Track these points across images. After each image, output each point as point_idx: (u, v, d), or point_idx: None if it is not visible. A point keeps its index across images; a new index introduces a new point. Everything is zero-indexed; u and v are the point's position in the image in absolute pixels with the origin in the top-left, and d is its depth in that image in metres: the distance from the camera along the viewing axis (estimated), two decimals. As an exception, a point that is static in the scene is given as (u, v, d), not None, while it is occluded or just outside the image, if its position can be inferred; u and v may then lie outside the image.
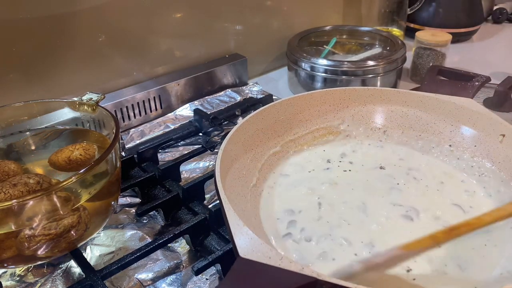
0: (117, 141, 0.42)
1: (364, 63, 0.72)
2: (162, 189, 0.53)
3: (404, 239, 0.39)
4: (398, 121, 0.55)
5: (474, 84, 0.55)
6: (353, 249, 0.40)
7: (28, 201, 0.35)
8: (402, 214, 0.44)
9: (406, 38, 1.01)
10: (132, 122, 0.69)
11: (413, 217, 0.44)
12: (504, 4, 1.20)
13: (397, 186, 0.48)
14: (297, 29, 0.86)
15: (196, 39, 0.76)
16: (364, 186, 0.48)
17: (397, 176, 0.49)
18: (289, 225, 0.43)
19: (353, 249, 0.40)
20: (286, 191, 0.48)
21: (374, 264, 0.38)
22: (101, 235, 0.48)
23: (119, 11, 0.65)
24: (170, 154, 0.62)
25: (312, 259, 0.39)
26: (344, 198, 0.46)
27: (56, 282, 0.43)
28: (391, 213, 0.44)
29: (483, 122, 0.49)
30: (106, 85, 0.68)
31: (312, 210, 0.45)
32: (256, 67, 0.88)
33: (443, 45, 0.80)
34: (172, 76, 0.73)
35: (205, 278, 0.43)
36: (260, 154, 0.50)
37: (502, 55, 0.99)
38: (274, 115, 0.52)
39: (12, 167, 0.43)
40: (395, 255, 0.38)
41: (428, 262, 0.38)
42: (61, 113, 0.49)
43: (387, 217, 0.44)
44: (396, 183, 0.48)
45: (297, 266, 0.29)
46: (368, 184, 0.48)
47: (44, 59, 0.60)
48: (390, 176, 0.49)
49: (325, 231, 0.42)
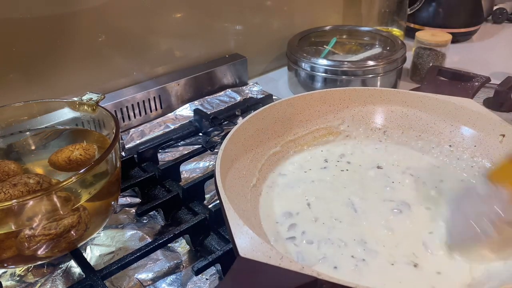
0: (117, 141, 0.42)
1: (364, 63, 0.72)
2: (162, 189, 0.53)
3: (396, 232, 0.40)
4: (398, 121, 0.55)
5: (474, 84, 0.55)
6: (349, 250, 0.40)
7: (28, 201, 0.35)
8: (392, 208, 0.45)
9: (406, 38, 1.00)
10: (132, 122, 0.69)
11: (403, 210, 0.44)
12: (504, 4, 1.20)
13: (392, 185, 0.48)
14: (297, 29, 0.86)
15: (196, 39, 0.76)
16: (359, 186, 0.48)
17: (394, 175, 0.49)
18: (290, 228, 0.43)
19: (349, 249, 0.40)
20: (286, 191, 0.48)
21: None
22: (101, 235, 0.48)
23: (119, 11, 0.65)
24: (170, 154, 0.62)
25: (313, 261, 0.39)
26: (339, 197, 0.46)
27: (56, 282, 0.43)
28: (382, 208, 0.45)
29: (483, 122, 0.49)
30: (106, 85, 0.68)
31: (309, 211, 0.45)
32: (256, 67, 0.88)
33: (443, 45, 0.80)
34: (172, 76, 0.73)
35: (205, 278, 0.43)
36: (260, 154, 0.50)
37: (502, 55, 0.99)
38: (274, 115, 0.52)
39: (12, 167, 0.43)
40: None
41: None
42: (61, 113, 0.49)
43: (379, 212, 0.44)
44: (391, 181, 0.49)
45: (297, 266, 0.29)
46: (363, 183, 0.49)
47: (44, 59, 0.60)
48: (386, 175, 0.50)
49: (323, 232, 0.42)
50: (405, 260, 0.39)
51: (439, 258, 0.39)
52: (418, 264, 0.38)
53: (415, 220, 0.43)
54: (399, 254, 0.39)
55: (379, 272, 0.38)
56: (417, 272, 0.38)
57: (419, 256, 0.39)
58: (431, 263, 0.38)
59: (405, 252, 0.39)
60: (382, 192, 0.47)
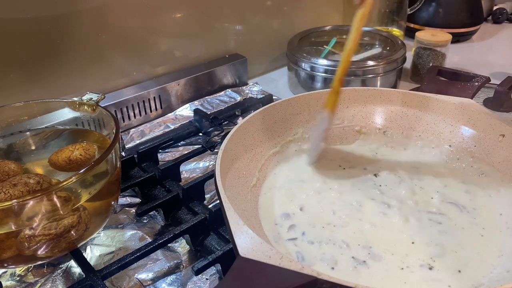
0: (117, 141, 0.42)
1: (364, 63, 0.72)
2: (162, 189, 0.53)
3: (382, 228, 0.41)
4: (398, 121, 0.55)
5: (474, 84, 0.55)
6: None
7: (28, 201, 0.35)
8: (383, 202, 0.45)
9: (406, 38, 1.01)
10: (132, 122, 0.69)
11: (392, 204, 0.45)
12: (504, 4, 1.20)
13: (392, 185, 0.48)
14: (297, 29, 0.86)
15: (196, 39, 0.76)
16: (359, 186, 0.48)
17: (393, 175, 0.49)
18: (290, 228, 0.43)
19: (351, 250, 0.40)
20: (286, 191, 0.48)
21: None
22: (101, 235, 0.48)
23: (119, 11, 0.65)
24: (170, 154, 0.62)
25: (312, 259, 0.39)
26: (339, 197, 0.46)
27: (56, 282, 0.43)
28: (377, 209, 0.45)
29: (483, 122, 0.49)
30: (106, 85, 0.68)
31: (308, 211, 0.45)
32: (256, 67, 0.88)
33: (443, 45, 0.80)
34: (172, 76, 0.73)
35: (205, 278, 0.43)
36: (260, 154, 0.50)
37: (502, 55, 0.99)
38: (274, 115, 0.52)
39: (12, 167, 0.43)
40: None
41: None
42: (61, 113, 0.49)
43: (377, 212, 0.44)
44: (391, 181, 0.48)
45: (297, 266, 0.29)
46: (363, 183, 0.48)
47: (44, 59, 0.60)
48: (386, 175, 0.50)
49: (324, 233, 0.42)
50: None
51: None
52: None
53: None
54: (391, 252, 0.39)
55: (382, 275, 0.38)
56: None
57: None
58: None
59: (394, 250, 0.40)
60: (382, 192, 0.47)
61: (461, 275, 0.37)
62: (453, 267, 0.38)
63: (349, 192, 0.47)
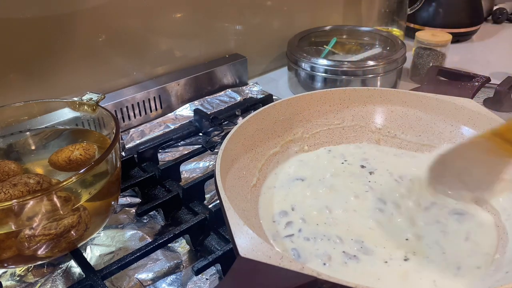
0: (117, 141, 0.42)
1: (364, 63, 0.72)
2: (162, 189, 0.53)
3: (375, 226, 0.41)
4: (398, 121, 0.55)
5: (474, 84, 0.55)
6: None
7: (28, 201, 0.35)
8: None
9: (406, 38, 1.01)
10: (132, 122, 0.69)
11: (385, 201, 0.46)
12: (504, 4, 1.20)
13: (391, 185, 0.48)
14: (297, 29, 0.86)
15: (196, 39, 0.76)
16: (359, 186, 0.48)
17: (393, 175, 0.49)
18: (287, 225, 0.43)
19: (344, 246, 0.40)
20: (286, 191, 0.48)
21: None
22: (101, 235, 0.48)
23: (119, 11, 0.65)
24: (170, 154, 0.62)
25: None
26: (339, 197, 0.46)
27: (56, 282, 0.43)
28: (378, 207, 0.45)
29: (483, 122, 0.49)
30: (106, 85, 0.68)
31: (308, 211, 0.45)
32: (256, 67, 0.88)
33: (443, 45, 0.80)
34: (172, 76, 0.73)
35: (205, 278, 0.43)
36: (260, 154, 0.50)
37: (502, 55, 0.99)
38: (274, 115, 0.52)
39: (12, 167, 0.43)
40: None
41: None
42: (61, 113, 0.49)
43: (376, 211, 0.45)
44: (391, 181, 0.48)
45: (297, 266, 0.29)
46: (363, 183, 0.48)
47: (44, 59, 0.60)
48: (386, 175, 0.50)
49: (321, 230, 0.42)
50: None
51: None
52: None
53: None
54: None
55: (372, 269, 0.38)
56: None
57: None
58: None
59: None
60: (379, 190, 0.47)
61: (459, 271, 0.37)
62: (450, 264, 0.38)
63: (346, 189, 0.47)
